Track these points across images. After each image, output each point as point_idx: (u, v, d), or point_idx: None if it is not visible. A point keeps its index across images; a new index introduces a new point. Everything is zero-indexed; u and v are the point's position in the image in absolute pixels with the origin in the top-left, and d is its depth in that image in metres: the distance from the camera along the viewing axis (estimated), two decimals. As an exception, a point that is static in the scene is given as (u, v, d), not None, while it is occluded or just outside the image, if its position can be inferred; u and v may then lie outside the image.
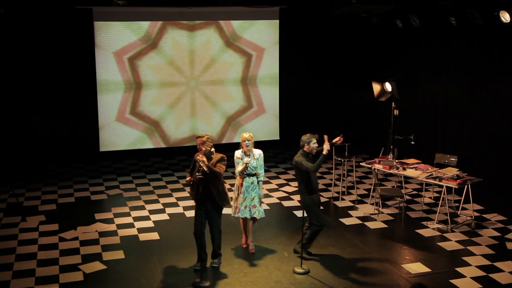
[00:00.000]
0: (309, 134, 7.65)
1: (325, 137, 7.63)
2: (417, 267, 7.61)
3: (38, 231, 8.76)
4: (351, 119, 13.91)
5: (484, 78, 9.98)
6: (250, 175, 7.88)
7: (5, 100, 11.80)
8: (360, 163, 10.37)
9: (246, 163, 7.77)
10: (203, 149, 7.29)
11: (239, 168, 7.86)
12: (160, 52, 12.61)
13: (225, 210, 9.72)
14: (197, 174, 7.07)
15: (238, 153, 7.92)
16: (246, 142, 7.79)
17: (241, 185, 7.90)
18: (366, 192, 10.69)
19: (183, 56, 12.75)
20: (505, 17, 8.83)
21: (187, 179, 7.52)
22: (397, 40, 12.23)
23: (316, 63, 13.85)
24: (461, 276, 7.37)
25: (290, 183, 11.35)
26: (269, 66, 13.43)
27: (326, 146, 7.47)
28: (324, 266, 7.60)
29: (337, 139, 7.97)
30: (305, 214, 7.53)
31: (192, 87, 12.94)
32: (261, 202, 8.03)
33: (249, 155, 7.85)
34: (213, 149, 7.37)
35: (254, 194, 7.89)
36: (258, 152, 7.94)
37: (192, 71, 12.87)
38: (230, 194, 7.76)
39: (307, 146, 7.59)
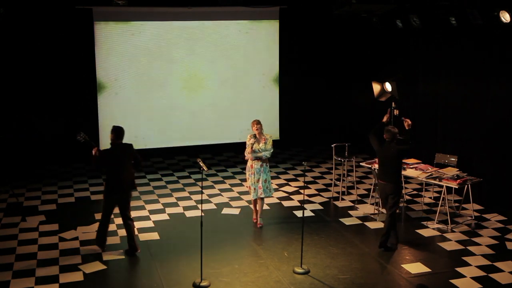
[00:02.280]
0: (389, 126, 8.24)
1: (391, 113, 8.57)
2: (417, 267, 7.61)
3: (38, 231, 8.76)
4: (351, 119, 13.91)
5: (484, 78, 9.98)
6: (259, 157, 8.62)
7: (5, 100, 11.79)
8: (360, 163, 10.36)
9: (252, 144, 8.48)
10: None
11: (247, 150, 8.56)
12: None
13: (226, 210, 9.76)
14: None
15: (248, 137, 8.62)
16: (256, 126, 8.54)
17: (252, 166, 8.65)
18: (366, 192, 10.69)
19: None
20: (505, 17, 8.82)
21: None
22: (397, 40, 12.22)
23: (316, 63, 13.84)
24: (461, 276, 7.37)
25: (290, 183, 11.34)
26: (269, 66, 13.43)
27: (407, 121, 8.24)
28: (324, 266, 7.61)
29: (385, 118, 8.63)
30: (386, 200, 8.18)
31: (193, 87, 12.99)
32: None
33: (256, 138, 8.57)
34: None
35: (265, 176, 8.67)
36: (267, 137, 8.67)
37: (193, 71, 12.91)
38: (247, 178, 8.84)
39: (398, 135, 8.12)
